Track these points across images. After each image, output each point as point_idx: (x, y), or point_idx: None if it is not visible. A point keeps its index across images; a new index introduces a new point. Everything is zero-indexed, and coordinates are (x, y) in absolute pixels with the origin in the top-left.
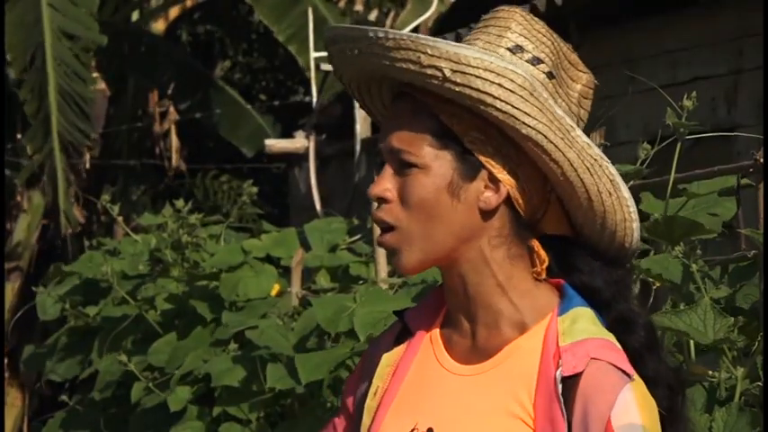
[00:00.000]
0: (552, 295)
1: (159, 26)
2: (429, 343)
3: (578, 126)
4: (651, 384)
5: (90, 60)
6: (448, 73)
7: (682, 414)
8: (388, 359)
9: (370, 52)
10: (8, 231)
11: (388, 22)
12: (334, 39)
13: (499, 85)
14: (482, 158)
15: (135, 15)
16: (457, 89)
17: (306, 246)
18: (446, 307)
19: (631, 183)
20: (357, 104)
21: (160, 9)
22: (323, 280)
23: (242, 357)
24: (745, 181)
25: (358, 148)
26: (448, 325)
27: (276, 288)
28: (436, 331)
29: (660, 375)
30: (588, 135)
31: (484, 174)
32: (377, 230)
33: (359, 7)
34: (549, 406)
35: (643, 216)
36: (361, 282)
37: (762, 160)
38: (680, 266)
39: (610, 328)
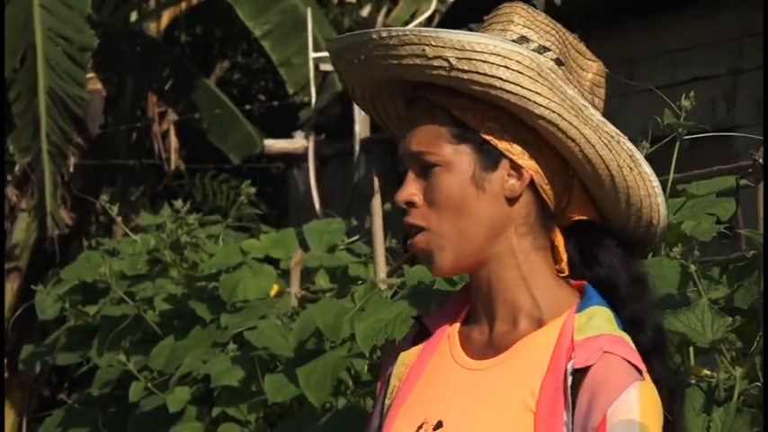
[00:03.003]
0: (573, 294)
1: (157, 27)
2: (446, 341)
3: None
4: (654, 386)
5: (84, 61)
6: (454, 61)
7: (681, 418)
8: (403, 358)
9: (375, 55)
10: (7, 232)
11: (380, 18)
12: (339, 52)
13: (506, 67)
14: (501, 147)
15: (134, 16)
16: (465, 77)
17: (305, 246)
18: (468, 307)
19: None
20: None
21: (158, 10)
22: (322, 280)
23: (241, 358)
24: (744, 181)
25: (357, 148)
26: (468, 324)
27: (275, 288)
28: (455, 330)
29: (663, 378)
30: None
31: (505, 162)
32: (377, 231)
33: (351, 0)
34: (554, 397)
35: None
36: (360, 282)
37: (761, 161)
38: (677, 269)
39: (624, 327)
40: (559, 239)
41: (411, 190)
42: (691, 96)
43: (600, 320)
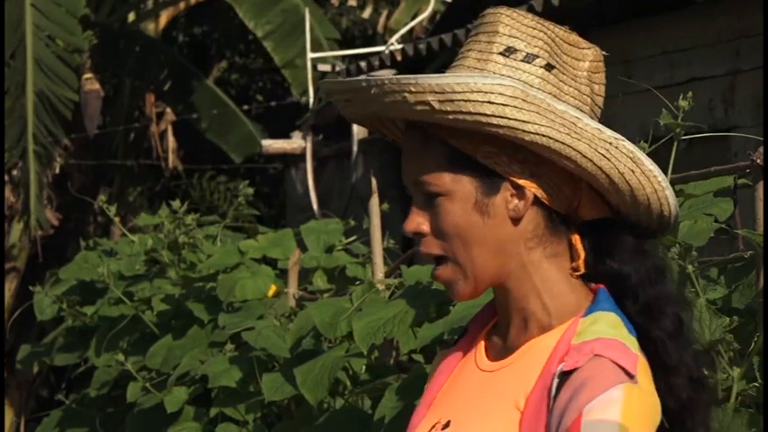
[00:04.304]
0: (585, 299)
1: (155, 27)
2: (475, 345)
3: (594, 103)
4: (671, 373)
5: (74, 62)
6: (437, 105)
7: (702, 405)
8: (437, 359)
9: (361, 99)
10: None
11: (381, 20)
12: (329, 93)
13: (489, 102)
14: (500, 170)
15: (132, 16)
16: (450, 117)
17: (302, 246)
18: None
19: None
20: None
21: (156, 10)
22: (319, 281)
23: (239, 358)
24: (741, 181)
25: (355, 148)
26: (494, 329)
27: (273, 289)
28: (483, 334)
29: (682, 364)
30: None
31: (506, 184)
32: (375, 231)
33: (352, 2)
34: (540, 399)
35: None
36: (357, 282)
37: (759, 161)
38: (675, 269)
39: (637, 314)
40: (576, 238)
41: (418, 220)
42: (688, 97)
43: (602, 325)
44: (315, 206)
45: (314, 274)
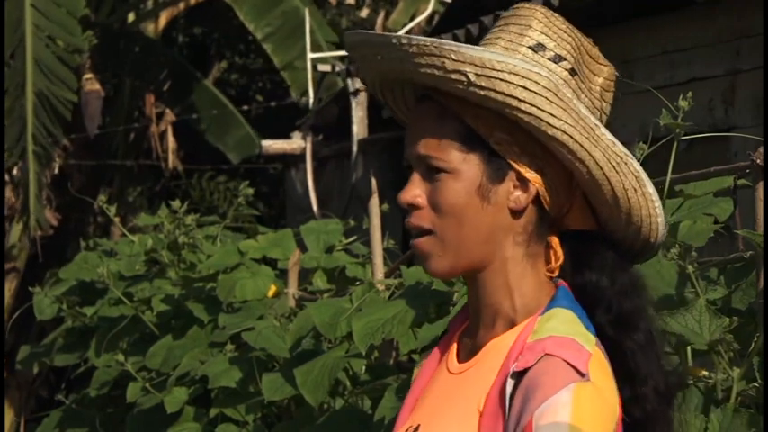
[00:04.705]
0: (546, 297)
1: (155, 28)
2: (449, 347)
3: (601, 120)
4: (639, 384)
5: (74, 63)
6: (473, 77)
7: (666, 418)
8: (420, 362)
9: (393, 58)
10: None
11: (379, 20)
12: (356, 44)
13: (524, 87)
14: (509, 159)
15: (131, 17)
16: (482, 93)
17: (302, 247)
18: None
19: None
20: (354, 106)
21: (156, 11)
22: (319, 281)
23: (239, 359)
24: (741, 182)
25: (355, 149)
26: (466, 330)
27: (273, 289)
28: (457, 335)
29: (650, 376)
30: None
31: (512, 174)
32: (375, 232)
33: (350, 0)
34: (498, 400)
35: None
36: (357, 282)
37: (759, 161)
38: (675, 269)
39: (609, 325)
40: (556, 243)
41: (416, 192)
42: (688, 97)
43: (556, 322)
44: (315, 206)
45: (314, 275)
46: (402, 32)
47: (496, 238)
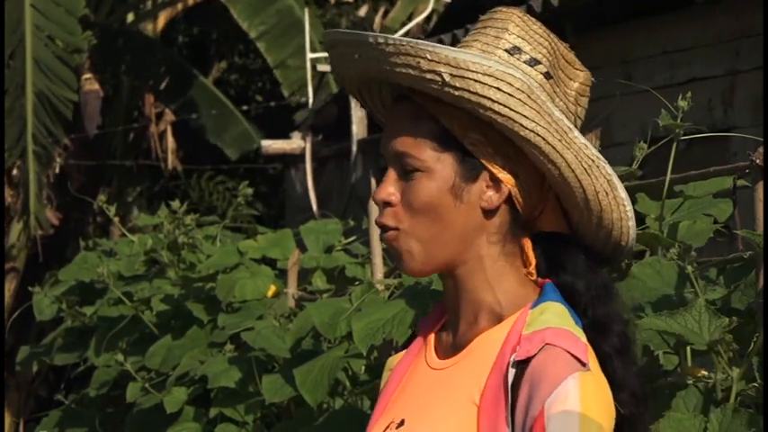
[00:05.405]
0: (533, 292)
1: (154, 28)
2: (425, 345)
3: (575, 124)
4: (616, 389)
5: (74, 63)
6: (447, 78)
7: (642, 421)
8: (389, 363)
9: (369, 57)
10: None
11: (378, 19)
12: (334, 43)
13: (497, 88)
14: (483, 159)
15: (131, 17)
16: (456, 93)
17: (302, 247)
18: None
19: (626, 184)
20: (354, 105)
21: (155, 10)
22: (319, 281)
23: (238, 359)
24: (741, 182)
25: (354, 149)
26: (444, 327)
27: (272, 289)
28: (433, 333)
29: (626, 381)
30: (584, 135)
31: (485, 174)
32: (374, 232)
33: None
34: (497, 391)
35: (638, 217)
36: (357, 282)
37: (758, 161)
38: (674, 269)
39: (586, 329)
40: (528, 245)
41: (389, 190)
42: (688, 97)
43: (550, 315)
44: (314, 206)
45: (313, 275)
46: (401, 33)
47: (469, 236)
